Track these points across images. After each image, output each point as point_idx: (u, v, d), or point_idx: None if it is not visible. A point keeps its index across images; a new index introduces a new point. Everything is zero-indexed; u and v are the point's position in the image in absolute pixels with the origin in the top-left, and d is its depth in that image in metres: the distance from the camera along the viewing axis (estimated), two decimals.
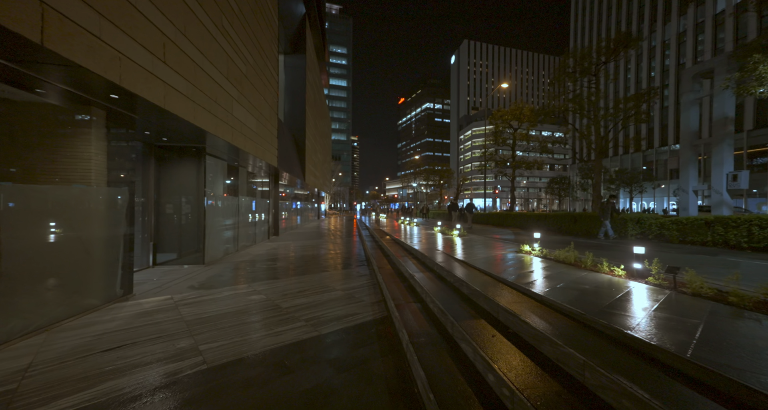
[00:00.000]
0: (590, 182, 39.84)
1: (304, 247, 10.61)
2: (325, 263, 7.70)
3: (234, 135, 7.09)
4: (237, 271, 6.63)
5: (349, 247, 10.77)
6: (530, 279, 4.12)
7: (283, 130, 14.41)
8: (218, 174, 8.45)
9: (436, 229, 12.30)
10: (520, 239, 10.08)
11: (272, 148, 10.74)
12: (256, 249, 9.90)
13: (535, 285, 3.78)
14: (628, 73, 45.21)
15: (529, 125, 21.61)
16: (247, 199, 10.59)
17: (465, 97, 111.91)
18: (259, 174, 12.34)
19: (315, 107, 22.64)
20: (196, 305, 4.30)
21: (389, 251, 8.17)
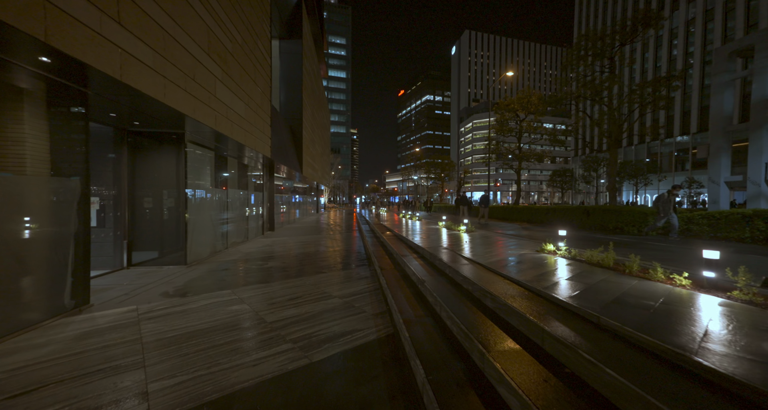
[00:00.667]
0: (594, 174, 39.03)
1: (300, 244, 9.89)
2: (321, 262, 6.97)
3: (218, 120, 6.28)
4: (222, 273, 5.90)
5: (348, 243, 10.05)
6: (569, 289, 3.39)
7: (279, 119, 13.57)
8: (204, 165, 7.66)
9: (440, 224, 11.56)
10: (534, 235, 9.35)
11: (265, 137, 9.92)
12: (248, 246, 9.17)
13: (579, 298, 3.04)
14: (645, 58, 42.95)
15: (536, 115, 20.67)
16: (238, 192, 9.82)
17: (466, 89, 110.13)
18: (252, 166, 11.55)
19: (313, 96, 21.70)
20: (163, 319, 3.57)
21: (392, 249, 7.44)
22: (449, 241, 7.70)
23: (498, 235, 9.13)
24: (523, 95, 20.40)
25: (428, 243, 7.31)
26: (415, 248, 7.16)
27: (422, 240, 7.87)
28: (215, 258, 7.30)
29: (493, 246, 6.78)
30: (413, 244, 7.41)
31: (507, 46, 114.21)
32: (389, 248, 7.87)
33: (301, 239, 11.15)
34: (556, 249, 5.42)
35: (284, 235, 12.33)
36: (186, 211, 6.31)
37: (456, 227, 10.21)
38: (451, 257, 5.50)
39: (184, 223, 6.30)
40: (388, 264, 6.40)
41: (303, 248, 8.91)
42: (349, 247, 9.30)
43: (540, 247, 5.96)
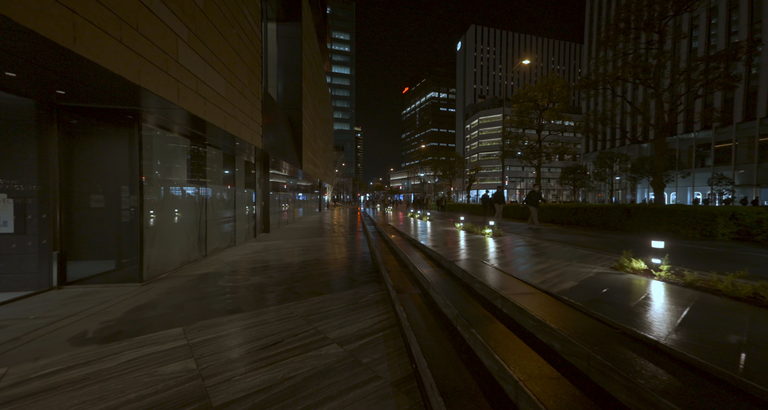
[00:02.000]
0: (608, 171, 37.16)
1: (296, 250, 8.41)
2: (319, 277, 5.48)
3: (183, 94, 4.81)
4: (184, 295, 4.43)
5: (352, 249, 8.56)
6: (732, 353, 1.87)
7: (275, 108, 12.11)
8: (176, 155, 6.21)
9: (458, 225, 10.04)
10: (580, 241, 7.79)
11: (254, 124, 8.45)
12: (232, 253, 7.71)
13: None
14: (693, 35, 37.01)
15: (560, 104, 18.91)
16: (223, 189, 8.36)
17: (471, 85, 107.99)
18: (242, 160, 10.09)
19: (314, 87, 20.22)
20: (30, 402, 2.10)
21: (407, 260, 5.94)
22: (479, 249, 6.17)
23: (550, 243, 7.57)
24: (545, 82, 18.66)
25: (455, 253, 5.78)
26: (439, 261, 5.64)
27: (448, 250, 6.35)
28: (185, 271, 5.84)
29: (544, 258, 5.23)
30: (437, 255, 5.89)
31: (514, 41, 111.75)
32: (403, 258, 6.37)
33: (298, 243, 9.68)
34: (651, 269, 3.84)
35: (280, 238, 10.88)
36: (141, 212, 4.85)
37: (479, 230, 8.67)
38: (497, 278, 3.98)
39: (139, 228, 4.83)
40: (403, 281, 4.89)
41: (298, 256, 7.43)
42: (353, 254, 7.81)
43: (616, 262, 4.40)
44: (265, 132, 10.11)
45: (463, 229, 9.57)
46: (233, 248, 8.46)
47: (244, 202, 9.85)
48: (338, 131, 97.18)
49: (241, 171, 10.01)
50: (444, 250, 5.99)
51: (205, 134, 6.80)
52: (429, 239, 7.84)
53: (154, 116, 5.08)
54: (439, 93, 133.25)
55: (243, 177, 10.15)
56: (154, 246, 5.21)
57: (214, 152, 7.98)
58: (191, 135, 6.64)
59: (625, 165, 34.24)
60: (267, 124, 10.39)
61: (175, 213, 5.98)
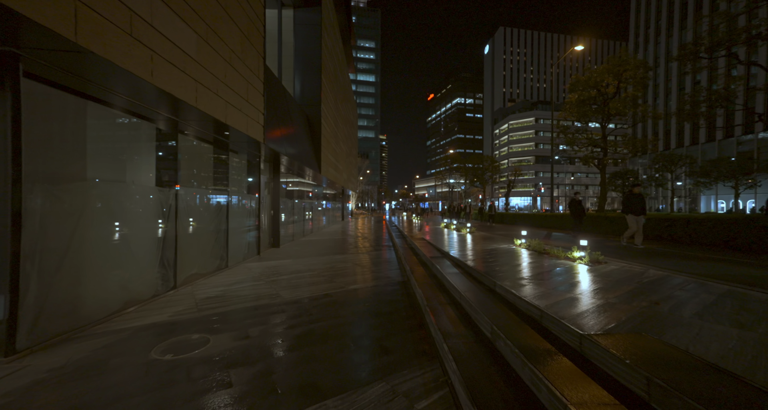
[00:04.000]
0: (670, 176, 32.53)
1: (304, 277, 6.20)
2: (326, 343, 3.17)
3: (91, 26, 2.76)
4: (60, 391, 2.27)
5: (380, 277, 6.22)
6: None
7: (287, 100, 10.20)
8: (124, 141, 4.23)
9: (518, 243, 7.42)
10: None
11: (250, 109, 6.43)
12: (215, 283, 5.60)
13: None
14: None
15: (635, 88, 15.56)
16: (207, 193, 6.35)
17: (500, 89, 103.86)
18: (242, 158, 8.15)
19: (336, 83, 18.41)
20: None
21: (475, 314, 3.51)
22: (604, 298, 3.63)
23: (679, 273, 4.87)
24: (616, 62, 15.34)
25: (558, 299, 3.29)
26: (535, 318, 3.16)
27: (537, 286, 3.85)
28: (124, 319, 3.74)
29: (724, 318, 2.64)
30: (526, 303, 3.41)
31: (546, 41, 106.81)
32: (460, 301, 3.94)
33: (310, 264, 7.49)
34: None
35: (290, 255, 8.76)
36: (16, 227, 2.79)
37: (567, 254, 6.05)
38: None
39: (8, 253, 2.77)
40: (478, 362, 2.48)
41: (305, 289, 5.19)
42: (382, 287, 5.47)
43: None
44: (272, 125, 8.13)
45: (543, 251, 6.97)
46: (223, 273, 6.38)
47: (244, 211, 7.83)
48: (363, 138, 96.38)
49: (241, 172, 8.05)
50: (534, 290, 3.51)
51: (177, 117, 4.80)
52: (501, 271, 5.34)
53: (47, 65, 3.07)
54: (465, 99, 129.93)
55: (243, 180, 8.18)
56: (54, 281, 3.14)
57: (194, 142, 6.01)
58: (154, 117, 4.66)
59: (693, 168, 29.63)
60: (274, 115, 8.41)
61: (111, 226, 3.94)
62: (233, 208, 7.15)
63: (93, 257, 3.62)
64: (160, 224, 4.72)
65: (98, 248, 3.71)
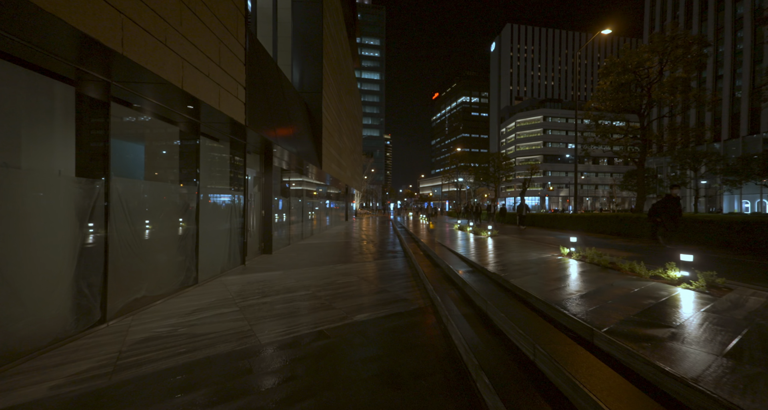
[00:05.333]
0: (693, 174, 30.57)
1: (293, 300, 4.66)
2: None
3: None
4: None
5: (392, 295, 4.67)
6: None
7: (281, 81, 8.69)
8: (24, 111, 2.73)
9: (565, 252, 5.87)
10: None
11: (226, 79, 4.91)
12: (169, 312, 4.07)
13: None
14: None
15: (684, 70, 13.60)
16: (165, 189, 4.84)
17: (507, 87, 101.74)
18: (223, 148, 6.64)
19: (338, 71, 16.88)
20: None
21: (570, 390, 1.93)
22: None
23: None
24: (660, 40, 13.34)
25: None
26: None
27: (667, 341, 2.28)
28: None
29: None
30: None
31: (554, 38, 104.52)
32: (531, 356, 2.39)
33: (304, 277, 5.96)
34: None
35: (282, 265, 7.25)
36: None
37: (660, 274, 4.46)
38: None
39: None
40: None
41: (289, 321, 3.65)
42: (399, 312, 3.91)
43: None
44: (260, 106, 6.62)
45: (598, 263, 5.38)
46: (187, 293, 4.86)
47: (223, 211, 6.32)
48: (368, 137, 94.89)
49: (222, 165, 6.54)
50: (670, 348, 1.96)
51: (109, 78, 3.30)
52: (573, 298, 3.78)
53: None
54: (470, 97, 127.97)
55: (225, 174, 6.67)
56: None
57: (145, 119, 4.50)
58: (67, 70, 3.16)
59: (720, 165, 27.65)
60: (264, 95, 6.91)
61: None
62: (207, 206, 5.64)
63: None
64: (85, 228, 3.22)
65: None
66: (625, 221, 11.68)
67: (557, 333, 2.80)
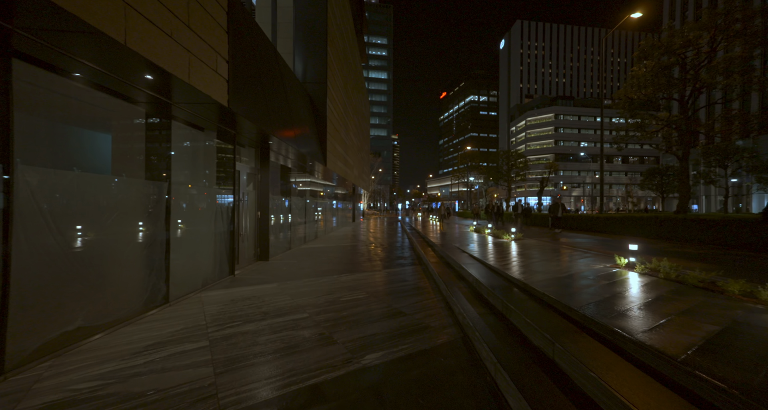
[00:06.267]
0: (724, 171, 28.66)
1: (284, 327, 3.57)
2: None
3: None
4: None
5: (411, 322, 3.55)
6: None
7: (282, 69, 7.65)
8: None
9: (623, 262, 4.68)
10: None
11: (194, 41, 3.85)
12: (113, 350, 2.99)
13: None
14: None
15: (744, 47, 11.87)
16: (126, 185, 3.81)
17: (517, 85, 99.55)
18: (208, 138, 5.61)
19: (344, 62, 15.83)
20: None
21: None
22: None
23: None
24: (710, 16, 11.68)
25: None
26: None
27: None
28: None
29: None
30: None
31: (566, 34, 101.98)
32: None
33: (301, 296, 4.89)
34: None
35: (278, 275, 6.19)
36: None
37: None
38: None
39: None
40: None
41: (275, 372, 2.56)
42: (424, 350, 2.79)
43: None
44: (251, 89, 5.58)
45: (686, 282, 4.19)
46: (149, 318, 3.83)
47: (204, 213, 5.29)
48: (375, 137, 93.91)
49: (205, 157, 5.52)
50: None
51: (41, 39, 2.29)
52: (677, 340, 2.59)
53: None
54: (478, 96, 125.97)
55: (210, 168, 5.64)
56: None
57: (105, 100, 3.48)
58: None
59: (754, 162, 25.75)
60: (257, 78, 5.88)
61: None
62: (183, 207, 4.61)
63: None
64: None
65: None
66: (667, 223, 10.34)
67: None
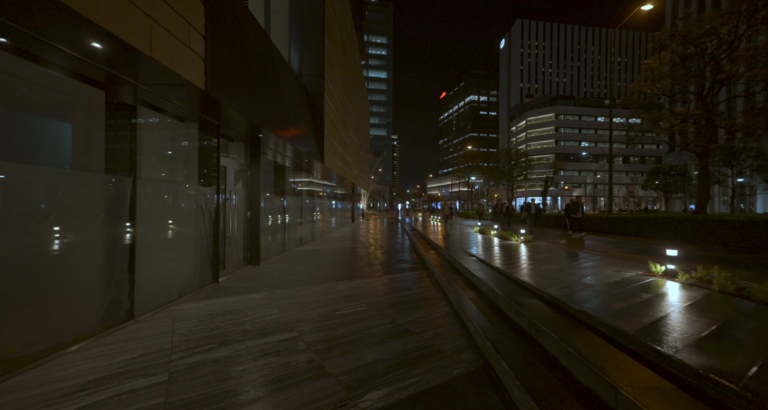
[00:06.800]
0: (730, 171, 28.06)
1: (265, 353, 2.93)
2: None
3: None
4: None
5: (421, 345, 2.92)
6: None
7: (274, 58, 7.01)
8: None
9: (659, 269, 4.08)
10: None
11: (169, 16, 3.23)
12: (32, 388, 2.37)
13: None
14: None
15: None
16: (62, 177, 3.17)
17: (517, 85, 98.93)
18: (190, 130, 4.98)
19: (343, 55, 15.21)
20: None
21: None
22: None
23: None
24: (733, 1, 10.98)
25: None
26: None
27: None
28: None
29: None
30: None
31: (566, 33, 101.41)
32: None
33: (291, 310, 4.26)
34: None
35: (267, 282, 5.56)
36: None
37: None
38: None
39: None
40: None
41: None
42: (439, 383, 2.16)
43: None
44: (235, 73, 4.96)
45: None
46: (103, 341, 3.20)
47: (181, 212, 4.65)
48: (375, 136, 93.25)
49: (186, 151, 4.89)
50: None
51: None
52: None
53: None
54: (478, 96, 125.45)
55: (191, 163, 5.01)
56: None
57: (53, 77, 2.85)
58: None
59: (760, 162, 25.18)
60: (240, 60, 5.25)
61: None
62: (152, 205, 3.98)
63: None
64: None
65: None
66: (686, 224, 9.73)
67: None
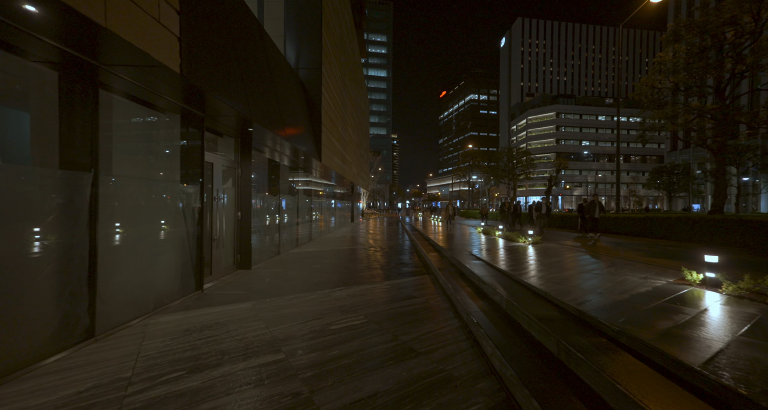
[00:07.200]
0: (735, 170, 27.54)
1: (244, 376, 2.41)
2: None
3: None
4: None
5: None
6: None
7: (267, 49, 6.50)
8: None
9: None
10: None
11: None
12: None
13: None
14: None
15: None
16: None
17: (518, 83, 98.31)
18: (163, 119, 4.47)
19: (341, 48, 14.68)
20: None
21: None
22: None
23: None
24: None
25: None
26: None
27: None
28: None
29: None
30: None
31: (567, 31, 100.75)
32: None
33: (280, 324, 3.77)
34: None
35: (257, 289, 5.07)
36: None
37: None
38: None
39: None
40: None
41: None
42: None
43: None
44: (219, 58, 4.46)
45: None
46: (45, 368, 2.71)
47: (157, 212, 4.15)
48: (375, 135, 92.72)
49: (167, 145, 4.38)
50: None
51: None
52: None
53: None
54: (478, 95, 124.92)
55: (173, 158, 4.50)
56: None
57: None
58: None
59: (765, 161, 24.66)
60: (226, 44, 4.75)
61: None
62: (121, 204, 3.48)
63: None
64: None
65: None
66: (701, 224, 9.24)
67: None
